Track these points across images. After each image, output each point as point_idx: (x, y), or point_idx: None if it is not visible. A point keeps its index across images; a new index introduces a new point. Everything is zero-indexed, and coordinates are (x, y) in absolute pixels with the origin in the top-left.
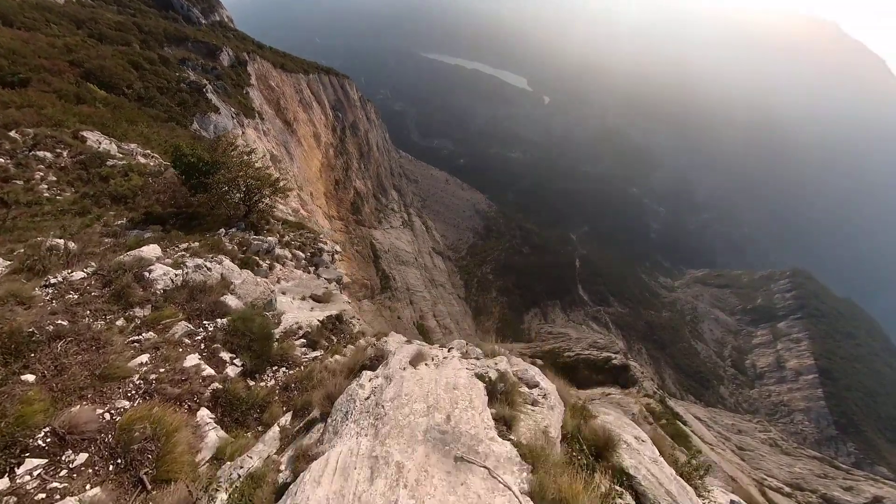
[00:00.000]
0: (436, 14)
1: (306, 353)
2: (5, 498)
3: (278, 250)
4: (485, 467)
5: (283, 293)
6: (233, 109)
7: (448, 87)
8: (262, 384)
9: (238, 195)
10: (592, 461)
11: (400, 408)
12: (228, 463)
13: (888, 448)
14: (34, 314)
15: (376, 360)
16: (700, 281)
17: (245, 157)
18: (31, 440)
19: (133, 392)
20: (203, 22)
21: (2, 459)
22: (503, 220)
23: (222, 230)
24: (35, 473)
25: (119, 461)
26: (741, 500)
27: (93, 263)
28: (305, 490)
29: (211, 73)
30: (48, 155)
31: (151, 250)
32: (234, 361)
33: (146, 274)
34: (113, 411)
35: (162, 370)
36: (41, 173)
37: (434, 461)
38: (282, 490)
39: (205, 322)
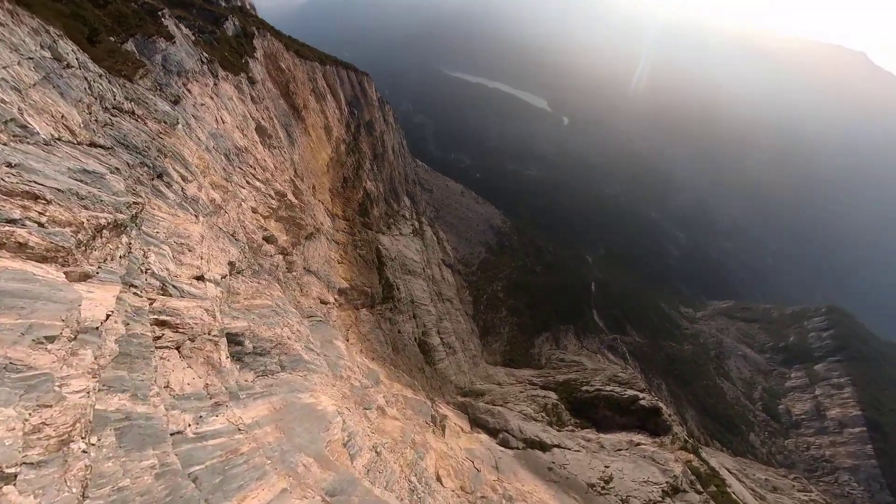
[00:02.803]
0: (461, 35)
1: None
2: None
3: None
4: None
5: None
6: (205, 54)
7: (468, 103)
8: None
9: None
10: None
11: None
12: None
13: None
14: None
15: None
16: (725, 313)
17: None
18: None
19: None
20: (223, 4)
21: None
22: (517, 237)
23: None
24: None
25: None
26: None
27: None
28: None
29: (206, 35)
30: None
31: None
32: None
33: None
34: None
35: None
36: None
37: None
38: None
39: None
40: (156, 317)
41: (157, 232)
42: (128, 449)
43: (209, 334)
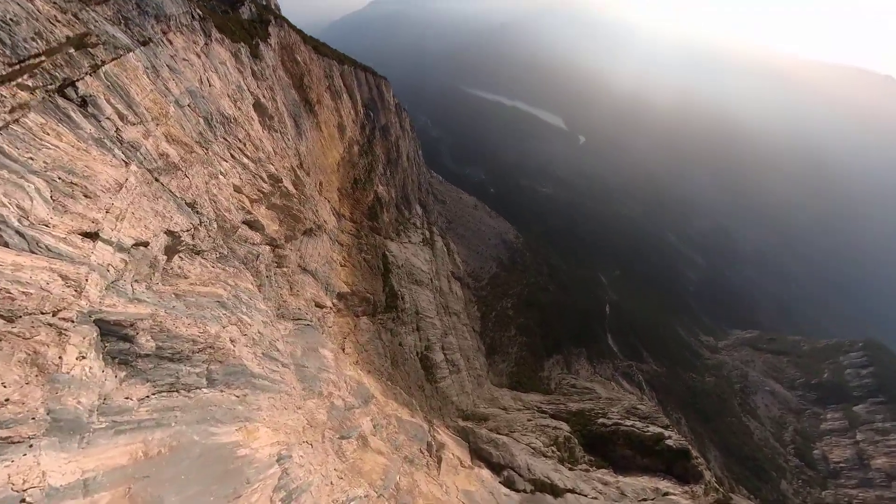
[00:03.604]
0: (481, 55)
1: None
2: None
3: None
4: None
5: None
6: (198, 11)
7: (485, 120)
8: None
9: None
10: None
11: None
12: None
13: None
14: None
15: None
16: (749, 343)
17: None
18: None
19: None
20: None
21: None
22: (530, 254)
23: None
24: None
25: None
26: None
27: None
28: None
29: (211, 4)
30: None
31: None
32: None
33: None
34: None
35: None
36: None
37: None
38: None
39: None
40: None
41: (31, 157)
42: None
43: (54, 315)
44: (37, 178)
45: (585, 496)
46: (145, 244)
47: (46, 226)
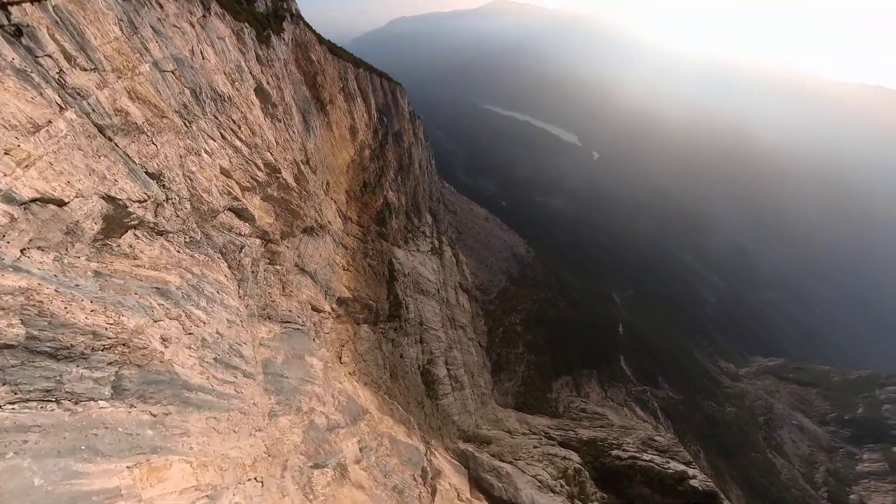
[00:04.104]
0: (495, 71)
1: None
2: None
3: None
4: None
5: None
6: None
7: (498, 134)
8: None
9: None
10: None
11: None
12: None
13: None
14: None
15: None
16: (773, 372)
17: None
18: None
19: None
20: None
21: None
22: (540, 269)
23: None
24: None
25: None
26: None
27: None
28: None
29: None
30: None
31: None
32: None
33: None
34: None
35: None
36: None
37: None
38: None
39: None
40: None
41: None
42: None
43: None
44: None
45: None
46: (59, 203)
47: None
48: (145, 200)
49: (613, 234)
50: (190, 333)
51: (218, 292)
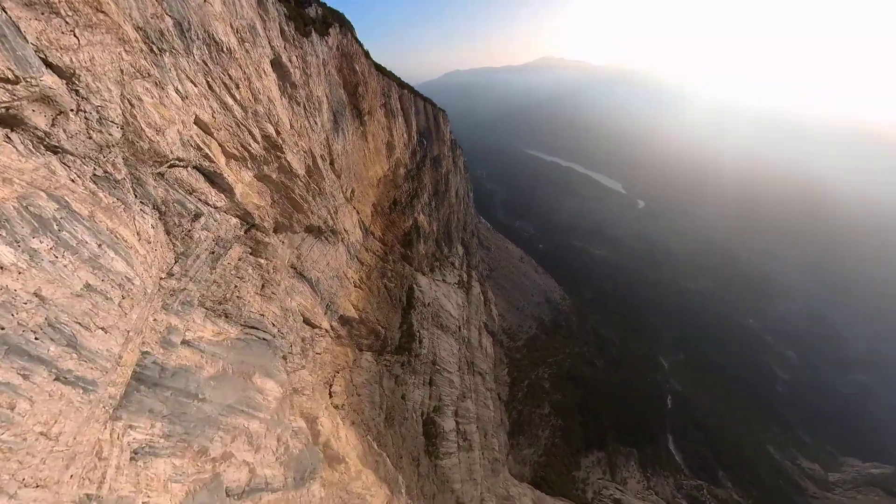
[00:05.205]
0: (541, 118)
1: None
2: None
3: None
4: None
5: None
6: None
7: (540, 178)
8: None
9: None
10: None
11: None
12: None
13: None
14: None
15: None
16: (879, 484)
17: None
18: None
19: None
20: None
21: None
22: (576, 319)
23: None
24: None
25: None
26: None
27: None
28: None
29: None
30: None
31: None
32: None
33: None
34: None
35: None
36: None
37: None
38: None
39: None
40: None
41: None
42: None
43: None
44: None
45: None
46: None
47: None
48: (17, 82)
49: (662, 288)
50: None
51: (100, 246)
